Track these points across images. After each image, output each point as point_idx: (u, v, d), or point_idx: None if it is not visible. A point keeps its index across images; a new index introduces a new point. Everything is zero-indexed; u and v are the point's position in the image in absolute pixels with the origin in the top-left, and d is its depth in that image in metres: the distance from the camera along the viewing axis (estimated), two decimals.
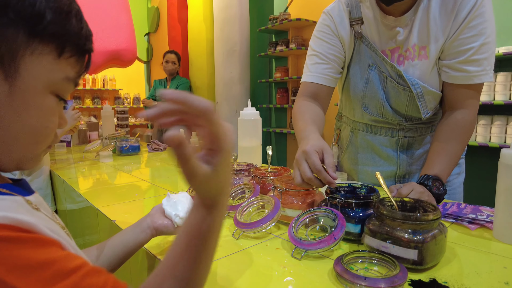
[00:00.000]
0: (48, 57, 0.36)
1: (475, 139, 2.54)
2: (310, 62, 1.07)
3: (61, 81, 0.38)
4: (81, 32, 0.39)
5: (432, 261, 0.59)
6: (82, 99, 5.67)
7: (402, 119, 1.04)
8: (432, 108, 1.01)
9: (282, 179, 0.89)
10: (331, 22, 1.04)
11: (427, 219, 0.58)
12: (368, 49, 1.01)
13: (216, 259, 0.64)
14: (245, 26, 3.75)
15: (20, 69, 0.34)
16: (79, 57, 0.39)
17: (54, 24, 0.35)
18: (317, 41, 1.06)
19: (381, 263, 0.58)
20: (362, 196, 0.72)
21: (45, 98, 0.37)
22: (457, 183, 1.10)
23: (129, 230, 0.62)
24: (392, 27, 0.96)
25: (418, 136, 1.07)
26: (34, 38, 0.34)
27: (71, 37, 0.37)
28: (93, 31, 0.42)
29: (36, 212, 0.35)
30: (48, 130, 0.39)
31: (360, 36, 1.02)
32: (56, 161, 1.94)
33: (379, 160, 1.12)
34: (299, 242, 0.64)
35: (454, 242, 0.70)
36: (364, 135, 1.13)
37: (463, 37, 0.89)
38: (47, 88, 0.37)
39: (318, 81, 1.05)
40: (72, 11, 0.37)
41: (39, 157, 0.40)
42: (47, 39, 0.35)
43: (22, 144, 0.37)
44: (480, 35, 0.88)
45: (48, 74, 0.36)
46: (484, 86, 2.80)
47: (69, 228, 1.54)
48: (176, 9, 4.77)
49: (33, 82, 0.35)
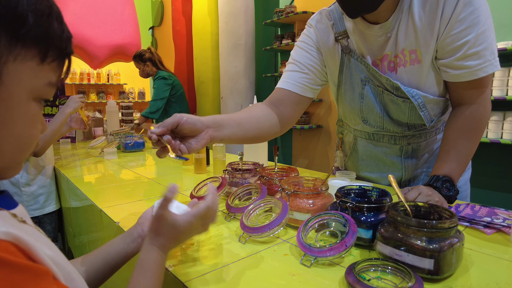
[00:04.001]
0: (31, 63, 0.34)
1: (486, 135, 2.48)
2: (287, 69, 1.04)
3: (44, 87, 0.36)
4: (62, 35, 0.37)
5: (449, 270, 0.56)
6: (87, 94, 5.67)
7: (405, 128, 1.01)
8: (437, 114, 0.97)
9: (289, 180, 0.86)
10: (314, 35, 1.02)
11: (444, 227, 0.55)
12: (359, 64, 0.97)
13: (223, 266, 0.62)
14: (250, 19, 3.70)
15: (3, 76, 0.32)
16: (60, 61, 0.38)
17: (36, 27, 0.33)
18: (297, 50, 1.04)
19: (395, 272, 0.56)
20: (374, 200, 0.69)
21: (29, 105, 0.36)
22: (462, 181, 1.06)
23: (119, 240, 0.61)
24: (377, 35, 0.91)
25: (422, 141, 1.03)
26: (16, 43, 0.33)
27: (53, 40, 0.36)
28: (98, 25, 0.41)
29: (23, 225, 0.35)
30: (32, 138, 0.38)
31: (348, 50, 0.97)
32: (61, 157, 1.93)
33: (383, 166, 1.10)
34: (309, 249, 0.61)
35: (470, 249, 0.67)
36: (366, 142, 1.11)
37: (455, 32, 0.82)
38: (31, 94, 0.35)
39: (288, 87, 1.00)
40: (53, 13, 0.35)
41: (20, 165, 0.39)
42: (30, 43, 0.34)
43: (6, 153, 0.36)
44: (473, 26, 0.80)
45: (31, 81, 0.35)
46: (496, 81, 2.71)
47: (74, 226, 1.53)
48: (181, 2, 4.72)
49: (16, 89, 0.34)
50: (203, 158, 1.41)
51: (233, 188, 0.97)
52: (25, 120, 0.36)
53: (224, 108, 3.81)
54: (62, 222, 1.80)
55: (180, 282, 0.58)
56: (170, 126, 0.70)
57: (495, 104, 2.50)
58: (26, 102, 0.35)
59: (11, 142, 0.35)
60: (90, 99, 5.63)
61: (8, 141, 0.35)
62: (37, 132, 0.38)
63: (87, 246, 1.32)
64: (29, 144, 0.38)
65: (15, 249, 0.30)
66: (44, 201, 1.64)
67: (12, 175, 0.38)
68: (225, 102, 3.76)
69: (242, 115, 0.89)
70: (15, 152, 0.37)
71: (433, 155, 1.05)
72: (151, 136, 0.70)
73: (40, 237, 0.37)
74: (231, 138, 0.83)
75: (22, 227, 0.35)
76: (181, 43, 4.80)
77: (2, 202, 0.36)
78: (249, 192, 0.91)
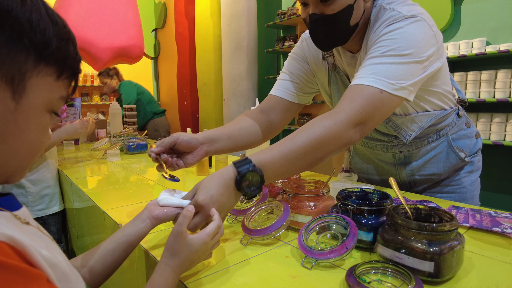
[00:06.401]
0: (49, 78, 0.40)
1: (489, 137, 2.47)
2: (279, 78, 1.11)
3: (57, 100, 0.42)
4: (76, 56, 0.43)
5: (449, 273, 0.56)
6: (90, 96, 5.70)
7: (392, 138, 1.02)
8: (415, 129, 0.97)
9: (291, 182, 0.86)
10: (305, 49, 1.06)
11: (444, 230, 0.56)
12: (344, 80, 1.01)
13: (224, 268, 0.62)
14: (252, 21, 3.71)
15: (27, 89, 0.38)
16: (72, 78, 0.43)
17: (57, 49, 0.39)
18: (289, 61, 1.10)
19: (395, 275, 0.56)
20: (375, 203, 0.69)
21: (43, 115, 0.40)
22: (467, 182, 1.06)
23: (130, 224, 0.65)
24: (352, 63, 0.95)
25: (414, 149, 1.03)
26: (40, 61, 0.38)
27: (68, 61, 0.41)
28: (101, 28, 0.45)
29: (26, 226, 0.37)
30: (42, 145, 0.42)
31: (334, 68, 1.02)
32: (65, 159, 1.95)
33: (382, 169, 1.13)
34: (310, 251, 0.61)
35: (471, 251, 0.67)
36: (363, 149, 1.14)
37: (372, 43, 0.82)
38: (46, 106, 0.40)
39: (279, 94, 1.06)
40: (70, 38, 0.42)
41: (26, 171, 0.43)
42: (51, 62, 0.39)
43: (19, 158, 0.39)
44: (387, 41, 0.78)
45: (48, 94, 0.40)
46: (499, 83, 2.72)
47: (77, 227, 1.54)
48: (183, 5, 4.74)
49: (36, 100, 0.39)
50: (205, 160, 1.42)
51: None
52: (39, 128, 0.40)
53: (226, 109, 3.82)
54: (65, 224, 1.81)
55: (181, 283, 0.58)
56: (168, 145, 0.81)
57: (498, 106, 2.49)
58: (42, 113, 0.40)
59: (26, 147, 0.40)
60: (94, 101, 5.66)
61: (23, 146, 0.39)
62: (47, 140, 0.43)
63: (90, 247, 1.33)
64: (39, 150, 0.42)
65: (10, 251, 0.31)
66: (49, 201, 1.66)
67: (18, 180, 0.42)
68: (227, 104, 3.77)
69: (233, 127, 0.97)
70: (27, 157, 0.40)
71: (430, 162, 1.04)
72: (150, 154, 0.81)
73: (41, 237, 0.39)
74: (224, 150, 0.92)
75: (25, 228, 0.37)
76: (183, 45, 4.82)
77: (5, 204, 0.38)
78: None
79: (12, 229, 0.32)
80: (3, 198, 0.39)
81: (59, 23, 0.40)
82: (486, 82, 2.44)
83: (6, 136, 0.37)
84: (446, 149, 1.03)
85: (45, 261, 0.34)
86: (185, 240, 0.56)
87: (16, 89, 0.37)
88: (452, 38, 2.77)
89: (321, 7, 0.83)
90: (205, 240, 0.57)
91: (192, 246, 0.56)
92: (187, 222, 0.57)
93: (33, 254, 0.33)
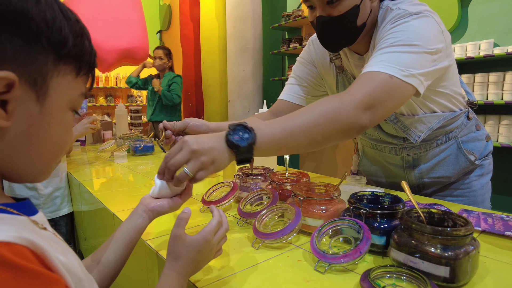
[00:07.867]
0: (69, 76, 0.39)
1: (497, 139, 2.45)
2: (287, 83, 1.13)
3: (77, 97, 0.42)
4: (91, 51, 0.42)
5: (465, 278, 0.56)
6: (96, 97, 5.73)
7: (400, 140, 1.02)
8: (424, 130, 0.96)
9: (301, 185, 0.86)
10: (312, 52, 1.08)
11: (459, 235, 0.55)
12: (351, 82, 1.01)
13: (236, 272, 0.62)
14: (257, 23, 3.71)
15: (49, 90, 0.37)
16: (89, 73, 0.43)
17: (74, 46, 0.39)
18: (297, 65, 1.12)
19: (410, 280, 0.56)
20: (387, 207, 0.69)
21: (66, 114, 0.40)
22: (477, 185, 1.05)
23: (127, 221, 0.63)
24: (359, 65, 0.95)
25: (422, 152, 1.03)
26: (59, 61, 0.38)
27: (85, 57, 0.41)
28: (106, 29, 0.45)
29: (43, 231, 0.37)
30: (66, 143, 0.42)
31: (342, 70, 1.03)
32: (72, 161, 1.95)
33: (391, 172, 1.12)
34: (323, 255, 0.61)
35: (485, 256, 0.66)
36: (372, 151, 1.14)
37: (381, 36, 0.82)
38: (68, 104, 0.40)
39: (287, 98, 1.09)
40: (84, 33, 0.41)
41: (51, 170, 0.43)
42: (69, 60, 0.39)
43: (45, 158, 0.40)
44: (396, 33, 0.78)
45: (69, 92, 0.40)
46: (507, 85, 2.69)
47: (85, 229, 1.54)
48: (188, 6, 4.75)
49: (58, 100, 0.39)
50: None
51: (244, 193, 0.97)
52: (63, 127, 0.40)
53: (231, 111, 3.82)
54: (73, 225, 1.82)
55: (194, 286, 0.58)
56: (178, 128, 0.86)
57: (506, 108, 2.47)
58: (64, 112, 0.40)
59: (50, 147, 0.40)
60: (99, 103, 5.70)
61: (48, 146, 0.39)
62: (70, 138, 0.43)
63: None
64: (63, 149, 0.42)
65: (30, 254, 0.31)
66: (60, 203, 1.68)
67: (44, 179, 0.42)
68: (232, 105, 3.77)
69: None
70: (52, 157, 0.41)
71: (439, 164, 1.03)
72: (160, 126, 0.87)
73: (58, 242, 0.38)
74: None
75: (42, 233, 0.36)
76: (188, 47, 4.83)
77: (22, 208, 0.37)
78: (260, 197, 0.91)
79: (31, 234, 0.32)
80: (20, 203, 0.38)
81: (72, 18, 0.39)
82: (494, 84, 2.42)
83: (32, 138, 0.37)
84: (455, 152, 1.02)
85: (63, 266, 0.34)
86: (185, 242, 0.55)
87: (40, 92, 0.36)
88: (459, 40, 2.75)
89: (327, 9, 0.84)
90: (206, 238, 0.56)
91: (193, 246, 0.55)
92: (184, 224, 0.55)
93: (52, 259, 0.33)
